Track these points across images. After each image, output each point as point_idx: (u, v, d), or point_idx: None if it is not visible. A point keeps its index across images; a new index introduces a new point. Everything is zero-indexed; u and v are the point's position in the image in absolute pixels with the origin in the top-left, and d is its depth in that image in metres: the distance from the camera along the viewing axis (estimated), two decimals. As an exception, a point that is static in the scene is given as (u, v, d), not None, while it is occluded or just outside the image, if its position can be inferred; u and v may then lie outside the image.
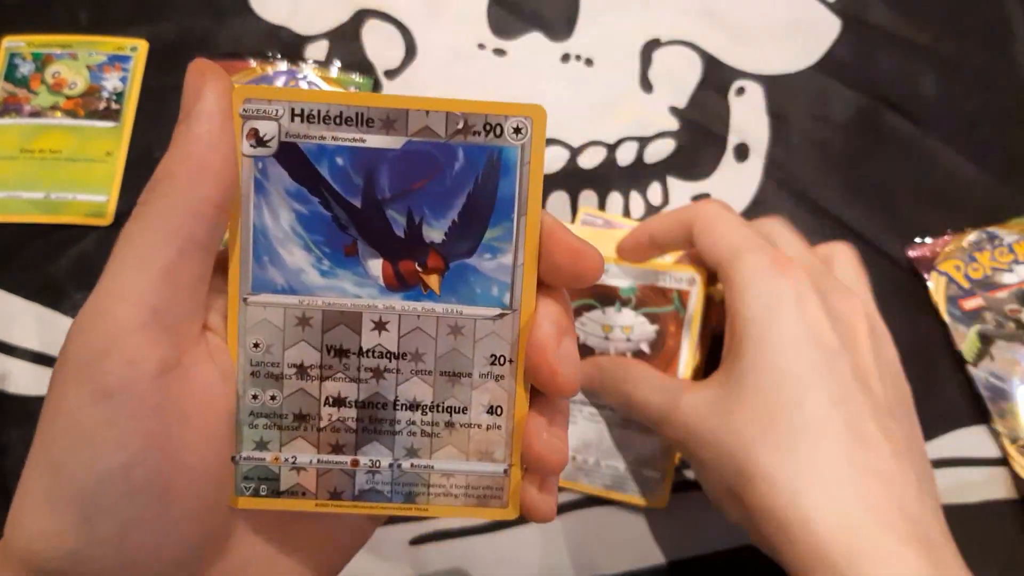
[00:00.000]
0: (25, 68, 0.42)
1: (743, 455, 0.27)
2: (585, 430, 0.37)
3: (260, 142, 0.20)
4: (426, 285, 0.21)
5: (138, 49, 0.43)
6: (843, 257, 0.33)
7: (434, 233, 0.21)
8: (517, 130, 0.21)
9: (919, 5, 0.45)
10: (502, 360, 0.22)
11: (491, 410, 0.22)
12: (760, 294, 0.28)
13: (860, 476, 0.25)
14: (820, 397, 0.27)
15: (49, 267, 0.40)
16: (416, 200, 0.21)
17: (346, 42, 0.44)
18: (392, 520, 0.36)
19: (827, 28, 0.45)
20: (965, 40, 0.45)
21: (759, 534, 0.27)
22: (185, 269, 0.19)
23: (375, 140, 0.21)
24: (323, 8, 0.44)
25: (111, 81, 0.42)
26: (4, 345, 0.38)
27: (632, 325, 0.37)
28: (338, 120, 0.20)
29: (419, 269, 0.21)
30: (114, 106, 0.42)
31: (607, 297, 0.37)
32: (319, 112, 0.20)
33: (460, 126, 0.21)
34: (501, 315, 0.22)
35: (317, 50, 0.43)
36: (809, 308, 0.28)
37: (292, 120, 0.20)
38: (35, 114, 0.42)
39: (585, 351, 0.37)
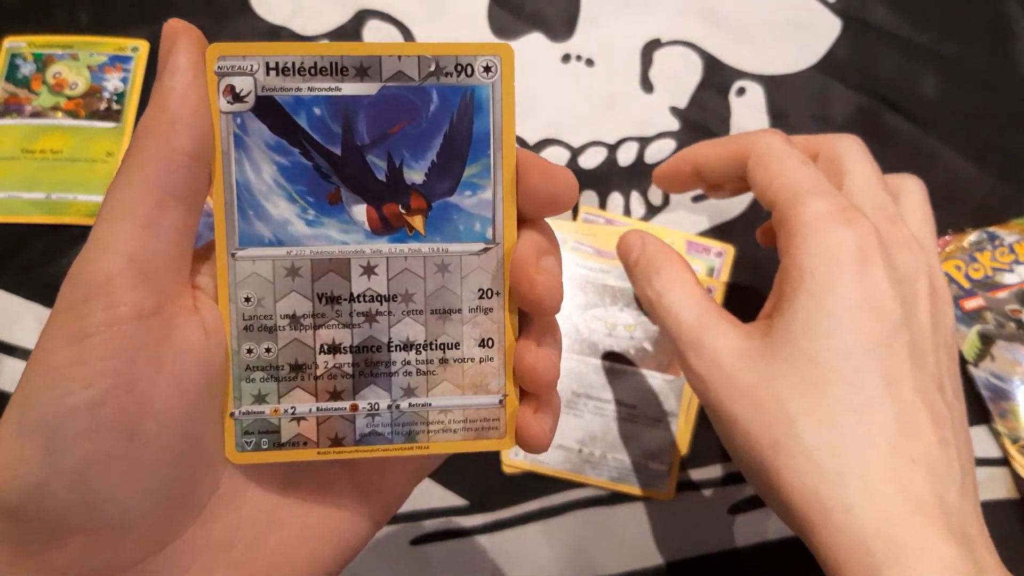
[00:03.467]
0: (26, 68, 0.42)
1: (784, 427, 0.25)
2: (591, 423, 0.37)
3: (237, 98, 0.21)
4: (411, 226, 0.22)
5: (139, 49, 0.43)
6: (912, 197, 0.31)
7: (415, 175, 0.21)
8: (487, 69, 0.21)
9: (919, 5, 0.45)
10: (489, 293, 0.22)
11: (483, 343, 0.22)
12: (821, 246, 0.26)
13: (906, 465, 0.24)
14: (874, 377, 0.25)
15: (49, 267, 0.40)
16: (395, 144, 0.21)
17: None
18: (393, 520, 0.36)
19: (827, 28, 0.45)
20: (965, 40, 0.45)
21: (789, 512, 0.25)
22: (165, 220, 0.19)
23: (350, 88, 0.21)
24: (324, 8, 0.44)
25: (112, 81, 0.42)
26: (4, 345, 0.38)
27: (635, 324, 0.37)
28: (313, 71, 0.21)
29: (403, 211, 0.22)
30: (115, 106, 0.42)
31: (612, 296, 0.37)
32: (293, 64, 0.21)
33: (432, 68, 0.21)
34: (485, 249, 0.22)
35: (318, 50, 0.44)
36: (872, 270, 0.26)
37: (267, 74, 0.21)
38: (36, 114, 0.42)
39: (588, 347, 0.37)
